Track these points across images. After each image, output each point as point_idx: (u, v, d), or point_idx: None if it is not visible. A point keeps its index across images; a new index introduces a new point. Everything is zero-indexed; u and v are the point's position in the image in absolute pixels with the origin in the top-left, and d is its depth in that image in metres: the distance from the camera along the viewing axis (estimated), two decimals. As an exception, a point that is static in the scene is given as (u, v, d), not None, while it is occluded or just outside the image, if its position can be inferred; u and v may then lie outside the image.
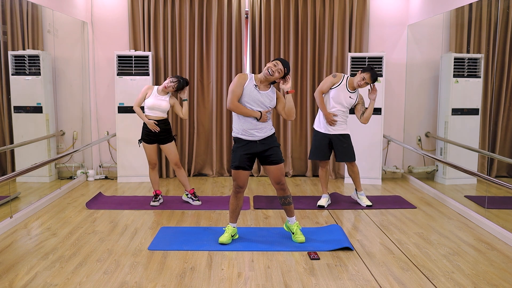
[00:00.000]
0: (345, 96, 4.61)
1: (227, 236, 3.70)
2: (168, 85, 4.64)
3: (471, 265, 3.30)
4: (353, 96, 4.63)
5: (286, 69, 3.53)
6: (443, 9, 5.46)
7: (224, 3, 6.17)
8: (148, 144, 4.77)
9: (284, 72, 3.52)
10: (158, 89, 4.72)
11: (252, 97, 3.52)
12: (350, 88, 4.63)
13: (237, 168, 3.62)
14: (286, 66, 3.53)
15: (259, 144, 3.60)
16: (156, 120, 4.69)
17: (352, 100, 4.63)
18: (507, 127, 4.82)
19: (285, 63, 3.54)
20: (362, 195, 4.92)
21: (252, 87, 3.53)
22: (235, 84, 3.52)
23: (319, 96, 4.69)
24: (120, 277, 3.06)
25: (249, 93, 3.52)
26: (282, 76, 3.54)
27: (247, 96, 3.52)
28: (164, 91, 4.70)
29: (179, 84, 4.66)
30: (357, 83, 4.53)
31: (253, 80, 3.56)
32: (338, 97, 4.61)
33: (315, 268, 3.24)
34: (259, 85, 3.56)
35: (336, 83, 4.64)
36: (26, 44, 5.20)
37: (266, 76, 3.51)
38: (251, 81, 3.55)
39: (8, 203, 4.35)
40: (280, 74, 3.52)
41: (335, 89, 4.63)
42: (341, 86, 4.62)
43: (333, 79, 4.65)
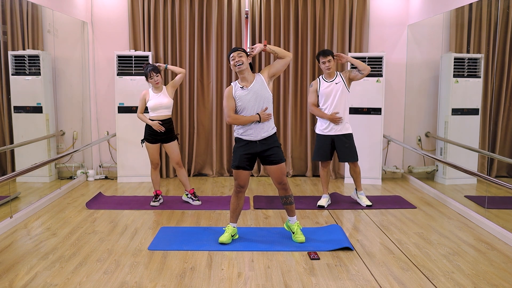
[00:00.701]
0: (332, 88, 4.65)
1: (227, 236, 3.70)
2: (154, 80, 4.65)
3: (471, 265, 3.30)
4: (337, 80, 4.67)
5: (240, 49, 3.58)
6: (443, 9, 5.46)
7: (224, 3, 6.17)
8: (151, 144, 4.78)
9: (242, 51, 3.57)
10: (152, 90, 4.74)
11: (245, 98, 3.54)
12: (328, 79, 4.69)
13: (237, 168, 3.63)
14: (237, 49, 3.58)
15: (259, 144, 3.60)
16: (161, 119, 4.70)
17: (340, 83, 4.66)
18: (507, 127, 4.82)
19: (234, 48, 3.59)
20: (362, 194, 4.93)
21: (240, 90, 3.57)
22: (226, 98, 3.60)
23: (314, 108, 4.77)
24: (120, 277, 3.06)
25: (240, 97, 3.55)
26: (246, 54, 3.59)
27: (240, 101, 3.55)
28: (157, 88, 4.71)
29: (155, 69, 4.64)
30: (324, 70, 4.65)
31: (237, 84, 3.62)
32: (328, 94, 4.65)
33: (315, 268, 3.24)
34: (244, 83, 3.58)
35: (317, 88, 4.74)
36: (26, 44, 5.20)
37: (238, 71, 3.55)
38: (236, 86, 3.60)
39: (8, 203, 4.35)
40: (243, 57, 3.55)
41: (320, 92, 4.70)
42: (322, 85, 4.71)
43: (313, 87, 4.77)
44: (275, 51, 3.60)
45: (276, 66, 3.62)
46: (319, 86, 4.72)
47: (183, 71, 4.85)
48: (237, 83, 3.63)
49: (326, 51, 4.62)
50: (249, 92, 3.55)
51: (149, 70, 4.63)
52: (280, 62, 3.61)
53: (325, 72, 4.67)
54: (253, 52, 3.62)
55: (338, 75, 4.69)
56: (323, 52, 4.62)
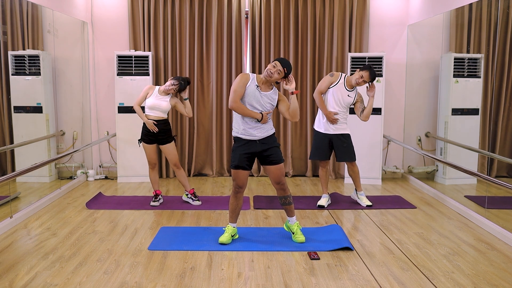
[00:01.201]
0: (343, 95, 4.61)
1: (227, 236, 3.70)
2: (169, 88, 4.64)
3: (471, 265, 3.30)
4: (351, 94, 4.63)
5: (286, 69, 3.49)
6: (443, 9, 5.46)
7: (224, 3, 6.17)
8: (147, 144, 4.77)
9: (284, 72, 3.49)
10: (159, 90, 4.72)
11: (254, 98, 3.51)
12: (348, 86, 4.63)
13: (236, 168, 3.62)
14: (286, 66, 3.49)
15: (259, 144, 3.60)
16: (156, 120, 4.69)
17: (351, 98, 4.63)
18: (507, 127, 4.82)
19: (285, 62, 3.49)
20: (362, 195, 4.92)
21: (254, 88, 3.51)
22: (238, 84, 3.49)
23: (318, 96, 4.69)
24: (120, 277, 3.06)
25: (250, 94, 3.50)
26: (282, 76, 3.51)
27: (248, 97, 3.51)
28: (165, 92, 4.70)
29: (180, 86, 4.66)
30: (355, 81, 4.53)
31: (255, 80, 3.54)
32: (337, 96, 4.61)
33: (315, 268, 3.24)
34: (261, 85, 3.54)
35: (334, 82, 4.64)
36: (26, 44, 5.20)
37: (266, 77, 3.50)
38: (253, 82, 3.53)
39: (8, 203, 4.35)
40: (280, 74, 3.49)
41: (333, 88, 4.63)
42: (339, 85, 4.63)
43: (330, 78, 4.65)
44: (292, 106, 3.57)
45: (282, 108, 3.62)
46: (336, 83, 4.62)
47: (190, 115, 4.85)
48: (255, 78, 3.55)
49: (375, 75, 4.50)
50: (262, 97, 3.52)
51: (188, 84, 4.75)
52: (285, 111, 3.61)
53: (352, 82, 4.57)
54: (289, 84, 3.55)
55: (356, 91, 4.66)
56: (373, 75, 4.48)
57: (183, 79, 4.69)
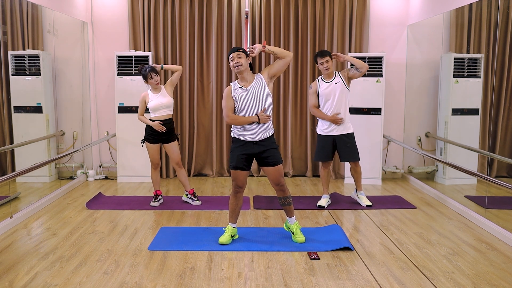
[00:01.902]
0: (331, 88, 4.65)
1: (227, 237, 3.70)
2: (154, 80, 4.64)
3: (471, 265, 3.30)
4: (336, 80, 4.67)
5: (239, 49, 3.55)
6: (443, 9, 5.46)
7: (224, 3, 6.17)
8: (151, 144, 4.77)
9: (242, 52, 3.54)
10: (151, 91, 4.74)
11: (245, 99, 3.53)
12: (327, 79, 4.69)
13: (235, 168, 3.63)
14: (236, 49, 3.55)
15: (257, 146, 3.60)
16: (162, 120, 4.70)
17: (339, 83, 4.66)
18: (507, 127, 4.82)
19: (234, 48, 3.57)
20: (362, 194, 4.93)
21: (239, 90, 3.56)
22: (224, 98, 3.59)
23: (314, 110, 4.78)
24: (120, 277, 3.06)
25: (239, 98, 3.54)
26: (246, 55, 3.56)
27: (239, 101, 3.54)
28: (156, 89, 4.71)
29: (153, 70, 4.63)
30: (322, 70, 4.65)
31: (236, 84, 3.60)
32: (328, 94, 4.65)
33: (315, 268, 3.24)
34: (243, 83, 3.57)
35: (316, 89, 4.74)
36: (26, 44, 5.20)
37: (238, 71, 3.54)
38: (236, 86, 3.59)
39: (8, 203, 4.35)
40: (242, 58, 3.53)
41: (320, 93, 4.71)
42: (321, 86, 4.71)
43: (312, 89, 4.77)
44: (275, 52, 3.57)
45: (276, 66, 3.60)
46: (318, 87, 4.72)
47: (179, 68, 4.85)
48: (236, 83, 3.62)
49: (323, 51, 4.62)
50: (248, 92, 3.54)
51: (148, 71, 4.62)
52: (280, 62, 3.59)
53: (324, 72, 4.66)
54: (253, 53, 3.59)
55: (337, 75, 4.69)
56: (321, 53, 4.61)
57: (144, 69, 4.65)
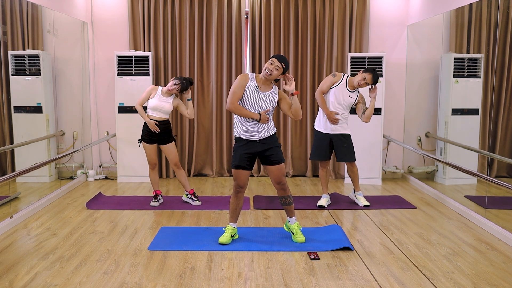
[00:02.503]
0: (344, 95, 4.62)
1: (227, 237, 3.70)
2: (172, 88, 4.63)
3: (471, 265, 3.30)
4: (353, 95, 4.63)
5: (284, 63, 3.48)
6: (443, 9, 5.46)
7: (224, 3, 6.17)
8: (148, 144, 4.77)
9: (282, 67, 3.48)
10: (162, 91, 4.71)
11: (253, 99, 3.51)
12: (350, 87, 4.64)
13: (237, 168, 3.62)
14: (282, 61, 3.48)
15: (260, 144, 3.60)
16: (157, 121, 4.69)
17: (352, 99, 4.64)
18: (507, 127, 4.82)
19: (281, 58, 3.49)
20: (360, 195, 4.93)
21: (253, 89, 3.51)
22: (236, 86, 3.50)
23: (320, 96, 4.69)
24: (120, 277, 3.06)
25: (250, 95, 3.50)
26: (281, 72, 3.50)
27: (248, 98, 3.51)
28: (168, 93, 4.70)
29: (182, 86, 4.65)
30: (357, 82, 4.54)
31: (254, 81, 3.54)
32: (338, 96, 4.62)
33: (315, 268, 3.24)
34: (260, 86, 3.53)
35: (336, 82, 4.65)
36: (26, 44, 5.20)
37: (266, 76, 3.49)
38: (252, 82, 3.53)
39: (8, 203, 4.35)
40: (279, 71, 3.48)
41: (334, 88, 4.64)
42: (340, 85, 4.63)
43: (333, 79, 4.67)
44: (294, 106, 3.57)
45: (284, 106, 3.62)
46: (338, 84, 4.63)
47: (191, 117, 4.83)
48: (254, 79, 3.54)
49: (378, 78, 4.54)
50: (262, 97, 3.52)
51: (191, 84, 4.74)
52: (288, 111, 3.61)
53: (354, 83, 4.58)
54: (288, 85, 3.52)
55: (358, 92, 4.67)
56: (376, 78, 4.51)
57: (185, 79, 4.68)
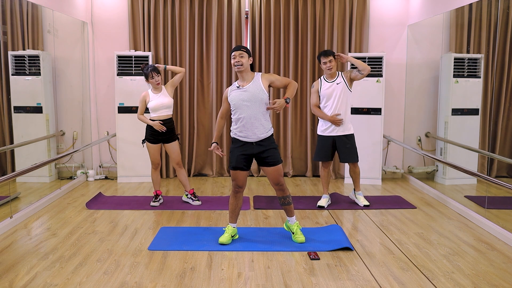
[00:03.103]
0: (333, 88, 4.66)
1: (227, 237, 3.70)
2: (155, 80, 4.65)
3: (471, 265, 3.30)
4: (338, 81, 4.68)
5: (242, 48, 3.55)
6: (443, 9, 5.46)
7: (224, 3, 6.17)
8: (152, 144, 4.78)
9: (244, 51, 3.55)
10: (151, 91, 4.73)
11: (240, 97, 3.55)
12: (329, 79, 4.70)
13: (234, 169, 3.64)
14: (240, 48, 3.55)
15: (256, 146, 3.60)
16: (162, 120, 4.70)
17: (341, 84, 4.66)
18: (507, 127, 4.82)
19: (237, 47, 3.57)
20: (360, 195, 4.93)
21: (235, 90, 3.60)
22: (222, 103, 3.72)
23: (315, 109, 4.79)
24: (120, 277, 3.06)
25: (235, 97, 3.58)
26: (248, 55, 3.56)
27: (234, 101, 3.58)
28: (157, 89, 4.71)
29: (155, 69, 4.64)
30: (326, 70, 4.65)
31: (234, 85, 3.64)
32: (329, 94, 4.66)
33: (315, 268, 3.24)
34: (241, 83, 3.59)
35: (318, 88, 4.75)
36: (26, 44, 5.20)
37: (239, 69, 3.55)
38: (233, 87, 3.64)
39: (8, 203, 4.35)
40: (244, 57, 3.54)
41: (321, 92, 4.72)
42: (323, 85, 4.71)
43: (314, 89, 4.79)
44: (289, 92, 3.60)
45: (278, 84, 3.63)
46: (320, 87, 4.72)
47: (182, 70, 4.85)
48: (235, 83, 3.65)
49: (327, 51, 4.62)
50: (245, 92, 3.55)
51: (150, 70, 4.62)
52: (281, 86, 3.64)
53: (326, 72, 4.67)
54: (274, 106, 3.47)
55: (340, 75, 4.70)
56: (325, 52, 4.62)
57: (146, 68, 4.66)
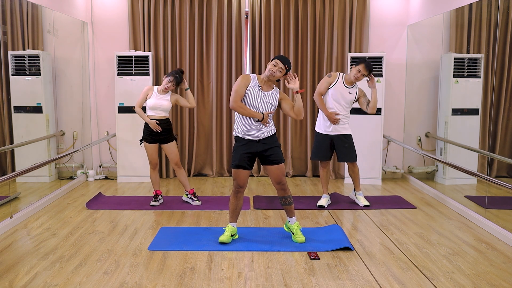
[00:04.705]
0: (343, 93, 4.63)
1: (227, 235, 3.70)
2: (168, 86, 4.65)
3: (471, 265, 3.30)
4: (352, 91, 4.64)
5: (287, 65, 3.52)
6: (443, 9, 5.46)
7: (224, 3, 6.17)
8: (149, 144, 4.77)
9: (285, 69, 3.52)
10: (158, 89, 4.73)
11: (255, 98, 3.52)
12: (347, 84, 4.65)
13: (237, 167, 3.63)
14: (285, 63, 3.52)
15: (260, 144, 3.60)
16: (158, 119, 4.70)
17: (352, 95, 4.64)
18: (507, 127, 4.82)
19: (285, 60, 3.53)
20: (360, 195, 4.93)
21: (255, 88, 3.54)
22: (239, 85, 3.51)
23: (318, 97, 4.71)
24: (120, 277, 3.06)
25: (252, 94, 3.52)
26: (284, 73, 3.53)
27: (250, 97, 3.52)
28: (164, 91, 4.71)
29: (176, 80, 4.67)
30: (353, 76, 4.55)
31: (256, 81, 3.57)
32: (337, 95, 4.63)
33: (315, 268, 3.24)
34: (262, 85, 3.56)
35: (332, 82, 4.67)
36: (26, 44, 5.20)
37: (269, 77, 3.52)
38: (254, 82, 3.56)
39: (8, 203, 4.35)
40: (281, 72, 3.52)
41: (332, 88, 4.65)
42: (338, 84, 4.65)
43: (329, 79, 4.68)
44: (296, 104, 3.57)
45: (285, 107, 3.62)
46: (335, 83, 4.65)
47: (193, 105, 4.88)
48: (256, 79, 3.57)
49: (371, 67, 4.52)
50: (263, 96, 3.54)
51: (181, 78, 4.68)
52: (289, 109, 3.61)
53: (351, 78, 4.59)
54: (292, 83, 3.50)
55: (356, 87, 4.67)
56: (369, 67, 4.50)
57: (176, 72, 4.69)
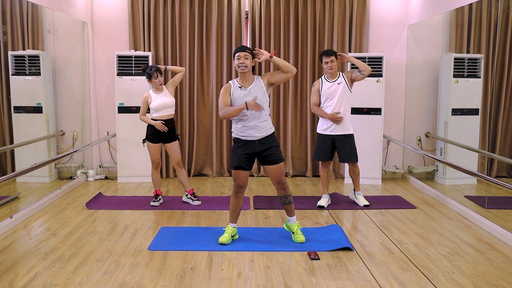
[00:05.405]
0: (334, 88, 4.67)
1: (227, 236, 3.70)
2: (158, 81, 4.67)
3: (471, 265, 3.30)
4: (339, 81, 4.68)
5: (248, 50, 3.56)
6: (443, 9, 5.46)
7: (224, 3, 6.17)
8: (153, 143, 4.78)
9: (249, 53, 3.56)
10: (153, 91, 4.74)
11: (241, 99, 3.55)
12: (331, 79, 4.70)
13: (236, 168, 3.63)
14: (245, 49, 3.55)
15: (258, 144, 3.61)
16: (164, 120, 4.71)
17: (342, 84, 4.67)
18: (507, 127, 4.82)
19: (242, 47, 3.57)
20: (360, 195, 4.93)
21: (238, 90, 3.59)
22: (222, 94, 3.62)
23: (315, 108, 4.79)
24: (120, 277, 3.06)
25: (238, 98, 3.57)
26: (252, 57, 3.57)
27: (237, 101, 3.57)
28: (159, 89, 4.72)
29: (158, 71, 4.66)
30: (326, 70, 4.66)
31: (236, 83, 3.62)
32: (330, 94, 4.67)
33: (315, 268, 3.24)
34: (244, 84, 3.59)
35: (319, 87, 4.75)
36: (26, 44, 5.20)
37: (243, 70, 3.55)
38: (235, 85, 3.62)
39: (8, 203, 4.35)
40: (248, 58, 3.55)
41: (322, 92, 4.70)
42: (324, 85, 4.71)
43: (316, 87, 4.78)
44: (280, 64, 3.56)
45: (276, 76, 3.62)
46: (321, 86, 4.72)
47: (182, 69, 4.87)
48: (235, 82, 3.63)
49: (329, 51, 4.63)
50: (248, 94, 3.56)
51: (154, 70, 4.63)
52: (281, 74, 3.60)
53: (328, 72, 4.67)
54: (259, 59, 3.60)
55: (341, 76, 4.70)
56: (326, 52, 4.62)
57: (151, 66, 4.68)
